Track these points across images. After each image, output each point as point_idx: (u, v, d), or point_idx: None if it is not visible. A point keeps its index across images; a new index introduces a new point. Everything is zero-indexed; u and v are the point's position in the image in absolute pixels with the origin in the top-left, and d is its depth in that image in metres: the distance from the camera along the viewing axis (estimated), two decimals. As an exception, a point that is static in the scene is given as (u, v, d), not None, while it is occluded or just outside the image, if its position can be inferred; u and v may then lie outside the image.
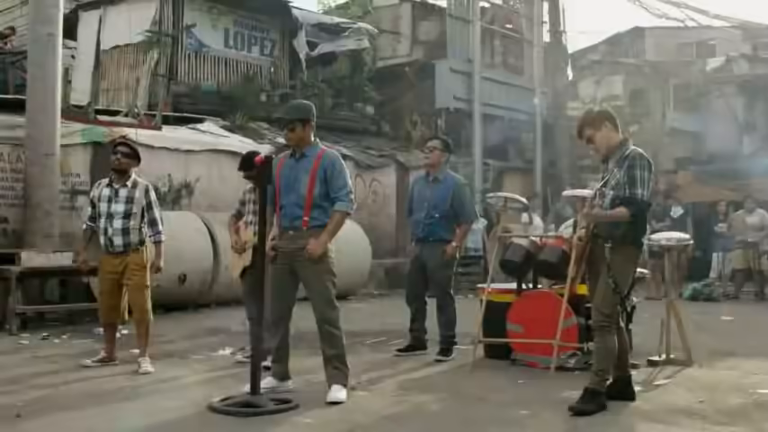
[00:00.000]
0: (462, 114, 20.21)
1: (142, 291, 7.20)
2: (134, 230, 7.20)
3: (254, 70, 17.08)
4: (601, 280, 5.57)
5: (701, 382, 6.48)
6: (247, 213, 7.52)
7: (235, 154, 13.83)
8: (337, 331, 5.77)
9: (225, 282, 11.73)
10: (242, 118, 15.49)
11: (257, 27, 17.27)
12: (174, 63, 15.65)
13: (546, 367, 6.88)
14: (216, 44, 16.46)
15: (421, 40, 22.32)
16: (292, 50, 17.79)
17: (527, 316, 7.17)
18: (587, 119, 5.84)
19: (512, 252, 7.31)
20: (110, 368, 7.15)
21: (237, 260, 7.55)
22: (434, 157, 7.95)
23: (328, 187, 5.79)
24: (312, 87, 17.76)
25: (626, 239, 5.55)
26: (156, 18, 15.52)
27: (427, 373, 7.06)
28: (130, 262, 7.19)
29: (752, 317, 11.50)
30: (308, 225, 5.75)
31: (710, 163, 20.41)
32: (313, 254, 5.67)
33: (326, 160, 5.83)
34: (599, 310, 5.51)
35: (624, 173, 5.52)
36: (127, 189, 7.24)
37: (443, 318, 7.74)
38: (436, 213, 7.75)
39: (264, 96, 16.72)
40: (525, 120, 20.74)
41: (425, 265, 7.77)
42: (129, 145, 7.46)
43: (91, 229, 7.37)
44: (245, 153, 8.14)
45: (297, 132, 5.87)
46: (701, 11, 27.30)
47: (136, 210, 7.21)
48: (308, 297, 5.85)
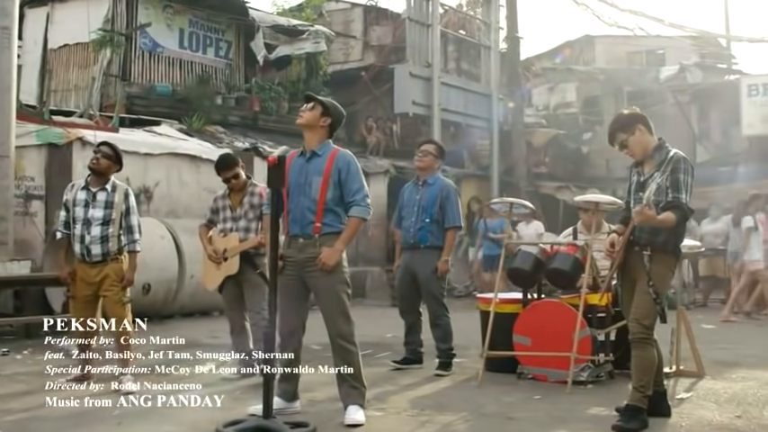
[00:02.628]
0: (418, 120, 19.90)
1: (122, 302, 6.62)
2: (113, 238, 6.62)
3: (209, 72, 16.48)
4: (639, 290, 5.23)
5: (726, 396, 6.21)
6: (224, 221, 7.10)
7: (194, 158, 13.34)
8: (353, 347, 5.31)
9: (190, 291, 11.23)
10: (198, 121, 14.89)
11: (213, 28, 16.69)
12: (127, 63, 14.96)
13: (557, 381, 6.57)
14: (170, 44, 15.85)
15: (373, 45, 22.00)
16: (248, 52, 17.26)
17: (535, 327, 6.80)
18: (619, 123, 5.47)
19: (521, 260, 6.93)
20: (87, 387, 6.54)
21: (214, 271, 7.10)
22: (427, 162, 7.52)
23: (342, 190, 5.32)
24: (269, 90, 17.24)
25: (666, 247, 5.24)
26: (109, 16, 14.85)
27: (434, 388, 6.62)
28: (109, 272, 6.60)
29: (730, 324, 11.34)
30: (321, 232, 5.27)
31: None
32: (327, 264, 5.20)
33: (341, 161, 5.37)
34: (639, 322, 5.16)
35: (667, 177, 5.19)
36: (106, 193, 6.66)
37: (439, 331, 7.31)
38: (426, 218, 7.30)
39: (220, 99, 16.13)
40: (482, 126, 20.50)
41: (417, 274, 7.33)
42: (112, 146, 6.87)
43: (67, 237, 6.77)
44: (222, 154, 7.74)
45: (313, 113, 5.42)
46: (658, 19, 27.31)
47: (115, 215, 6.64)
48: (320, 310, 5.37)
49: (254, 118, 16.82)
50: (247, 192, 7.08)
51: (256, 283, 6.90)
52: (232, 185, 7.08)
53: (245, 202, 7.04)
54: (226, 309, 7.24)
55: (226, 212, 7.11)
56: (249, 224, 6.99)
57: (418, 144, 8.07)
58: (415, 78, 18.67)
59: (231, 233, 7.01)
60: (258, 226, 6.95)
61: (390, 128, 20.19)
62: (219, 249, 6.99)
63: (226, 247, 6.97)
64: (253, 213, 7.01)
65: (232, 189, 7.12)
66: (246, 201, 7.04)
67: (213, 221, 7.21)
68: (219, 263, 7.00)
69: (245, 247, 6.88)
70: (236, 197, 7.09)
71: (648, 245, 5.22)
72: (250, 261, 6.92)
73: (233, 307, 7.12)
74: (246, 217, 7.01)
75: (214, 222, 7.21)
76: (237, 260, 6.90)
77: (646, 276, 5.18)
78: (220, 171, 7.11)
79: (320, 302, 5.33)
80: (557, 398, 6.09)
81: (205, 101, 15.52)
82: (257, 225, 6.97)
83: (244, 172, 7.16)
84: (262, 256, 6.98)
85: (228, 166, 7.07)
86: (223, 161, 7.19)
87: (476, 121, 20.33)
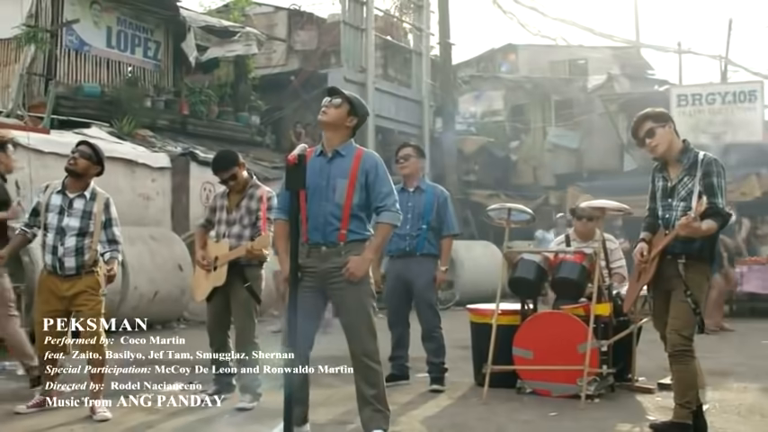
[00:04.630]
0: (347, 126, 19.45)
1: (98, 319, 5.93)
2: (89, 250, 5.97)
3: (137, 73, 15.67)
4: (675, 300, 4.95)
5: (744, 407, 6.02)
6: (219, 224, 6.44)
7: (129, 162, 12.59)
8: (379, 366, 4.85)
9: (132, 303, 10.56)
10: (129, 124, 14.09)
11: (141, 27, 15.87)
12: (52, 62, 14.03)
13: (561, 395, 6.26)
14: (98, 43, 14.95)
15: (297, 50, 21.49)
16: (176, 54, 16.50)
17: (538, 340, 6.46)
18: (649, 114, 5.20)
19: (524, 269, 6.58)
20: (52, 414, 5.87)
21: (203, 280, 6.44)
22: (412, 165, 7.13)
23: (370, 195, 4.85)
24: (199, 93, 16.53)
25: (702, 254, 4.98)
26: (33, 11, 13.87)
27: (438, 407, 6.20)
28: (84, 286, 5.94)
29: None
30: (346, 239, 4.79)
31: (592, 179, 20.55)
32: (355, 274, 4.72)
33: (368, 162, 4.88)
34: (679, 333, 4.88)
35: (699, 181, 4.91)
36: (84, 201, 6.00)
37: (433, 344, 6.91)
38: (423, 225, 6.93)
39: (149, 102, 15.34)
40: (413, 133, 20.21)
41: (411, 283, 6.91)
42: (91, 145, 6.19)
43: (24, 236, 6.12)
44: (220, 151, 7.02)
45: (339, 111, 4.91)
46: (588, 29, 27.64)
47: (93, 227, 5.98)
48: (343, 325, 4.87)
49: (184, 122, 16.08)
50: (246, 194, 6.39)
51: (242, 300, 6.26)
52: (230, 186, 6.43)
53: (243, 205, 6.36)
54: (208, 324, 6.51)
55: (222, 214, 6.44)
56: (243, 231, 6.31)
57: (395, 152, 7.61)
58: (350, 83, 18.22)
59: (223, 239, 6.34)
60: (252, 234, 6.28)
61: (320, 134, 19.61)
62: (210, 256, 6.35)
63: (217, 254, 6.31)
64: (248, 219, 6.33)
65: (231, 189, 6.47)
66: (244, 204, 6.36)
67: (211, 222, 6.52)
68: (209, 271, 6.36)
69: (233, 256, 6.19)
70: (234, 198, 6.41)
71: (683, 253, 4.95)
72: (239, 272, 6.23)
73: (217, 322, 6.42)
74: (241, 222, 6.33)
75: (212, 223, 6.51)
76: (225, 271, 6.23)
77: (682, 285, 4.92)
78: (217, 171, 6.41)
79: (344, 317, 4.85)
80: (574, 414, 5.77)
81: (135, 103, 14.71)
82: (251, 232, 6.30)
83: (245, 171, 6.49)
84: (254, 267, 6.32)
85: (226, 167, 6.36)
86: (221, 160, 6.46)
87: (407, 127, 20.04)
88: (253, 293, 6.26)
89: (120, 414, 5.81)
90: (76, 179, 5.98)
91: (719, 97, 18.36)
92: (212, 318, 6.45)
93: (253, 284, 6.23)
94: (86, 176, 6.06)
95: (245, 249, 6.14)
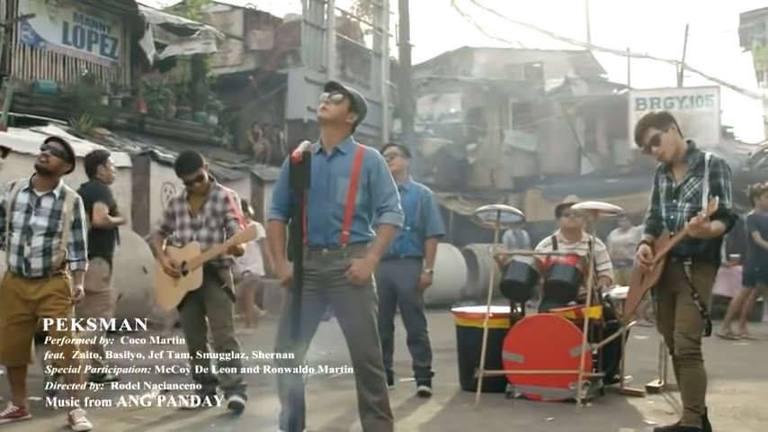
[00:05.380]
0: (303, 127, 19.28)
1: (69, 323, 5.60)
2: (57, 251, 5.67)
3: (94, 70, 15.24)
4: (681, 303, 4.88)
5: (738, 410, 5.99)
6: (183, 229, 6.24)
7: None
8: (382, 372, 4.66)
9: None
10: (87, 123, 13.68)
11: (98, 23, 15.45)
12: (6, 57, 13.56)
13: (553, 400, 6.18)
14: (54, 39, 14.51)
15: (253, 49, 21.22)
16: (134, 51, 16.10)
17: (528, 343, 6.35)
18: (651, 119, 5.13)
19: (516, 271, 6.46)
20: (26, 425, 5.59)
21: (171, 288, 6.22)
22: (398, 164, 6.95)
23: (372, 194, 4.67)
24: (157, 92, 16.17)
25: (708, 256, 4.92)
26: (-15, 4, 13.41)
27: (430, 413, 6.04)
28: (51, 289, 5.63)
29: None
30: (348, 241, 4.60)
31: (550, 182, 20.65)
32: (359, 277, 4.54)
33: (370, 161, 4.70)
34: (688, 336, 4.80)
35: (707, 182, 4.85)
36: (53, 199, 5.70)
37: (420, 348, 6.77)
38: (407, 226, 6.74)
39: (106, 100, 14.94)
40: (372, 134, 20.06)
41: (396, 286, 6.74)
42: (63, 142, 5.90)
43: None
44: (183, 152, 6.81)
45: (340, 107, 4.70)
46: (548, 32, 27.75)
47: (62, 227, 5.69)
48: (344, 330, 4.68)
49: (141, 121, 15.71)
50: (209, 196, 6.24)
51: (221, 301, 6.14)
52: (194, 188, 6.25)
53: (207, 207, 6.20)
54: (185, 330, 6.31)
55: (184, 218, 6.25)
56: (211, 233, 6.17)
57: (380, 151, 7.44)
58: (310, 83, 18.04)
59: (191, 243, 6.15)
60: (222, 236, 6.17)
61: (278, 135, 19.46)
62: (177, 261, 6.15)
63: (185, 258, 6.13)
64: (216, 221, 6.19)
65: (192, 192, 6.29)
66: (209, 207, 6.20)
67: (169, 228, 6.34)
68: (177, 277, 6.15)
69: (209, 256, 6.02)
70: (197, 201, 6.24)
71: (689, 255, 4.88)
72: (214, 275, 6.10)
73: (194, 327, 6.25)
74: (208, 225, 6.17)
75: (170, 229, 6.34)
76: (200, 273, 6.04)
77: (688, 288, 4.85)
78: (183, 173, 6.23)
79: (346, 322, 4.65)
80: (571, 419, 5.68)
81: (92, 101, 14.30)
82: (221, 235, 6.17)
83: (207, 173, 6.34)
84: (226, 268, 6.24)
85: (192, 168, 6.19)
86: (186, 161, 6.29)
87: (366, 129, 19.84)
88: (230, 294, 6.19)
89: (100, 424, 5.56)
90: (46, 177, 5.69)
91: (677, 101, 18.60)
92: (189, 323, 6.27)
93: (228, 285, 6.16)
94: (56, 174, 5.78)
95: (226, 247, 6.01)
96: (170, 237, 6.35)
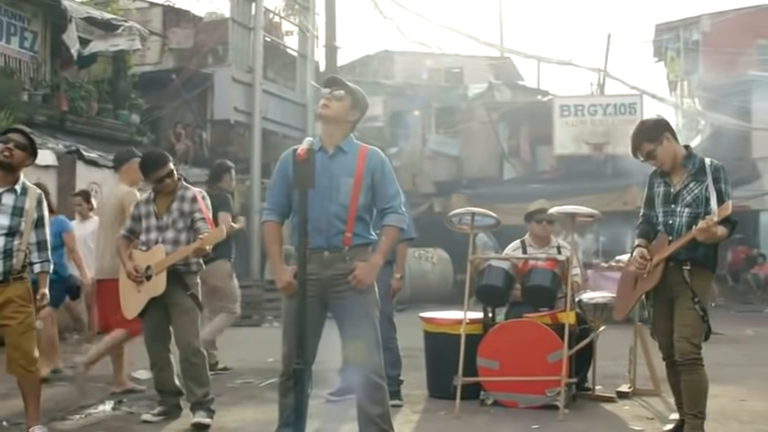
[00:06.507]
0: (228, 127, 18.91)
1: (29, 333, 5.21)
2: (18, 252, 5.23)
3: (13, 64, 14.53)
4: (681, 308, 4.85)
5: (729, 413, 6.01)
6: (148, 231, 5.92)
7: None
8: (384, 382, 4.48)
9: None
10: (7, 119, 13.01)
11: (17, 15, 14.71)
12: None
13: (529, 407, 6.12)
14: (-31, 31, 13.78)
15: (172, 48, 20.67)
16: (54, 45, 15.43)
17: (504, 350, 6.28)
18: (644, 133, 5.08)
19: (492, 276, 6.37)
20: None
21: (135, 294, 5.90)
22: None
23: (375, 195, 4.50)
24: (79, 89, 15.53)
25: (707, 261, 4.92)
26: None
27: (410, 423, 5.89)
28: (12, 295, 5.18)
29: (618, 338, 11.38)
30: (351, 243, 4.42)
31: (473, 187, 20.77)
32: (363, 281, 4.35)
33: (374, 160, 4.51)
34: (690, 341, 4.78)
35: (712, 187, 4.85)
36: (14, 196, 5.25)
37: (390, 355, 6.53)
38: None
39: (26, 96, 14.27)
40: (297, 137, 19.78)
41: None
42: (25, 134, 5.48)
43: None
44: (149, 151, 6.49)
45: (342, 104, 4.48)
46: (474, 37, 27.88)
47: (24, 226, 5.26)
48: (346, 338, 4.48)
49: (62, 118, 15.04)
50: (176, 196, 5.93)
51: (186, 308, 5.83)
52: (164, 187, 5.93)
53: (174, 208, 5.89)
54: (147, 339, 6.01)
55: (150, 221, 5.93)
56: (178, 235, 5.85)
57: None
58: (237, 83, 17.65)
59: (156, 246, 5.83)
60: (189, 238, 5.86)
61: (200, 135, 19.03)
62: (141, 266, 5.82)
63: (149, 263, 5.81)
64: (183, 222, 5.87)
65: (159, 192, 5.98)
66: (175, 207, 5.89)
67: (135, 231, 6.01)
68: (141, 283, 5.83)
69: (174, 259, 5.71)
70: (163, 202, 5.93)
71: (688, 259, 4.87)
72: (179, 280, 5.78)
73: (156, 336, 5.97)
74: (175, 226, 5.86)
75: (135, 233, 6.00)
76: (163, 278, 5.72)
77: (688, 292, 4.84)
78: (152, 171, 5.90)
79: (347, 328, 4.45)
80: (555, 427, 5.62)
81: (11, 96, 13.63)
82: (188, 237, 5.85)
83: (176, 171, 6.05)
84: (194, 273, 5.93)
85: (162, 163, 5.90)
86: (155, 158, 6.01)
87: (291, 131, 19.60)
88: (196, 300, 5.89)
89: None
90: (8, 172, 5.25)
91: (601, 109, 18.91)
92: (151, 332, 5.99)
93: (194, 291, 5.86)
94: (18, 169, 5.35)
95: (192, 248, 5.68)
96: (136, 241, 6.02)
